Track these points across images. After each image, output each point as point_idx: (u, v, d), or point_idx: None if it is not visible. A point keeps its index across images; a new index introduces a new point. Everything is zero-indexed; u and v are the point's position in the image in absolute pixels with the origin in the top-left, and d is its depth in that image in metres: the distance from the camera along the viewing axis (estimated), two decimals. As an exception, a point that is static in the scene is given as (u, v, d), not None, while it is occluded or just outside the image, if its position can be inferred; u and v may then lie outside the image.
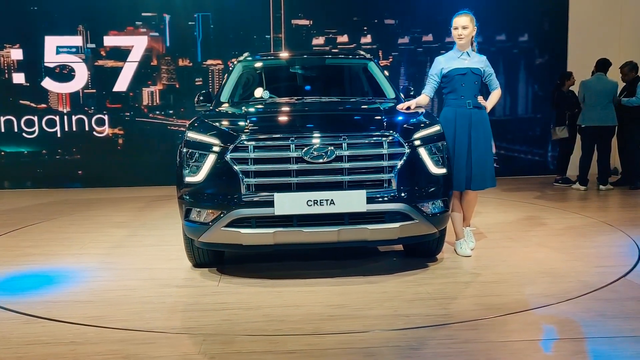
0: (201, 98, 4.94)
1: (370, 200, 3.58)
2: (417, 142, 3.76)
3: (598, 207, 6.69)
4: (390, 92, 5.01)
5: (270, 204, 3.54)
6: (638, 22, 9.25)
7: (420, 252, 4.33)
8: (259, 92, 5.04)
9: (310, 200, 3.53)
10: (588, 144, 7.72)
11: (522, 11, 9.38)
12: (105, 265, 4.36)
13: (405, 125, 3.85)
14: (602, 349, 2.75)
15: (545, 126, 9.09)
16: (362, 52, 5.67)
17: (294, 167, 3.57)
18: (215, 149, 3.67)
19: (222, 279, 3.93)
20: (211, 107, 4.75)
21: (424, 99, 4.42)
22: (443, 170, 3.86)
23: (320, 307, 3.33)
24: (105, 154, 8.93)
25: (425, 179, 3.77)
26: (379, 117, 3.91)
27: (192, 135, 3.84)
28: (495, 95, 4.61)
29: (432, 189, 3.80)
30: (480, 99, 4.40)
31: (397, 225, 3.67)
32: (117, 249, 4.86)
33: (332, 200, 3.55)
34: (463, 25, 4.29)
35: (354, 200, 3.56)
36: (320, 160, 3.57)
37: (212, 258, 4.15)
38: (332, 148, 3.58)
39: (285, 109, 4.42)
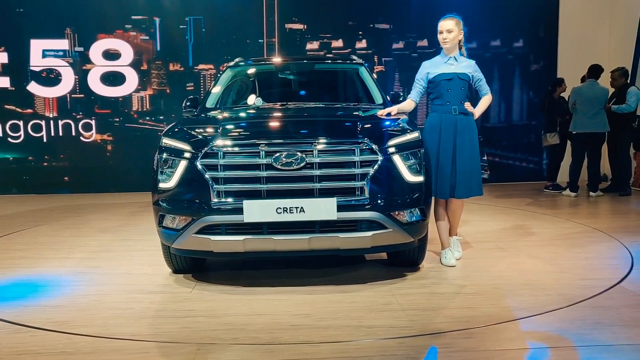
0: (188, 103, 4.95)
1: (341, 208, 3.53)
2: (392, 149, 3.68)
3: (589, 214, 6.63)
4: (378, 98, 4.95)
5: (240, 211, 3.51)
6: (628, 29, 9.19)
7: (401, 262, 4.24)
8: (250, 99, 5.04)
9: (280, 208, 3.49)
10: (579, 150, 7.74)
11: (513, 18, 9.40)
12: (88, 270, 4.39)
13: (380, 132, 3.78)
14: (600, 356, 2.70)
15: (536, 132, 9.05)
16: (354, 57, 5.61)
17: (264, 173, 3.53)
18: (187, 155, 3.66)
19: (197, 285, 3.91)
20: (196, 113, 4.75)
21: (408, 104, 4.35)
22: (420, 178, 3.78)
23: (286, 316, 3.29)
24: (93, 160, 8.84)
25: (400, 186, 3.70)
26: (354, 124, 3.85)
27: (166, 141, 3.84)
28: (485, 101, 4.50)
29: (408, 197, 3.72)
30: (467, 105, 4.30)
31: (369, 234, 3.60)
32: (103, 254, 4.88)
33: (302, 208, 3.50)
34: (448, 29, 4.21)
35: (324, 208, 3.51)
36: (290, 167, 3.53)
37: (190, 264, 4.14)
38: (303, 155, 3.53)
39: (263, 115, 4.40)
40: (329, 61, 5.82)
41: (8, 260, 4.75)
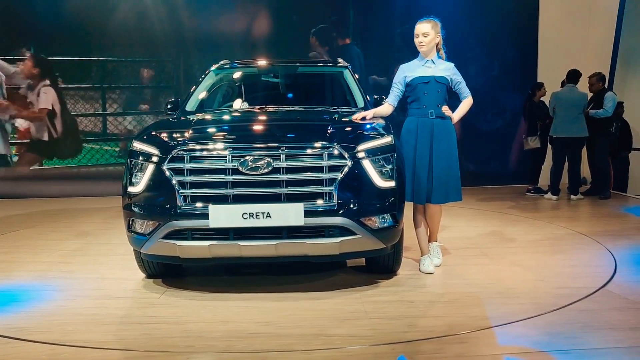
0: (169, 106, 4.93)
1: (308, 213, 3.46)
2: (362, 154, 3.61)
3: (570, 217, 6.71)
4: (360, 101, 4.89)
5: (206, 216, 3.45)
6: (606, 34, 9.28)
7: (376, 268, 4.16)
8: (235, 103, 5.01)
9: (246, 213, 3.44)
10: (559, 154, 7.88)
11: (492, 23, 9.42)
12: (63, 275, 4.34)
13: (350, 137, 3.71)
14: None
15: (517, 136, 9.07)
16: (340, 60, 5.55)
17: (230, 178, 3.48)
18: (154, 159, 3.62)
19: (167, 291, 3.86)
20: (175, 116, 4.71)
21: (386, 108, 4.27)
22: (392, 184, 3.70)
23: (248, 323, 3.23)
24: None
25: (370, 192, 3.62)
26: (324, 128, 3.78)
27: (136, 144, 3.80)
28: (466, 104, 4.41)
29: (378, 203, 3.64)
30: (445, 108, 4.22)
31: (337, 240, 3.54)
32: (79, 258, 4.84)
33: (268, 213, 3.44)
34: (423, 32, 4.13)
35: (291, 214, 3.45)
36: (257, 172, 3.47)
37: (163, 269, 4.09)
38: (269, 159, 3.48)
39: (236, 119, 4.36)
40: (317, 64, 5.75)
41: None
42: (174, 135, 3.77)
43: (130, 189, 3.71)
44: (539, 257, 4.67)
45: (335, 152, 3.55)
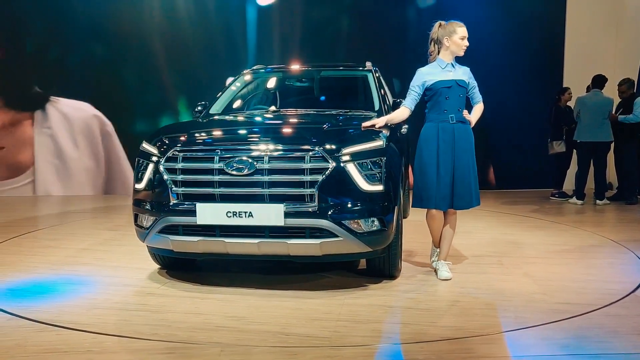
0: (198, 109, 5.21)
1: (289, 214, 3.55)
2: (346, 157, 3.64)
3: (596, 222, 6.72)
4: (376, 105, 4.89)
5: (194, 213, 3.66)
6: (634, 39, 9.10)
7: (373, 272, 4.16)
8: (256, 106, 5.21)
9: (230, 212, 3.60)
10: (584, 159, 7.87)
11: (519, 27, 9.49)
12: (98, 263, 4.76)
13: (336, 140, 3.73)
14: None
15: (542, 140, 8.92)
16: (368, 64, 5.55)
17: (216, 178, 3.65)
18: (154, 158, 3.88)
19: (168, 282, 4.11)
20: (196, 118, 4.98)
21: (402, 111, 4.20)
22: (379, 188, 3.70)
23: (219, 317, 3.38)
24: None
25: (354, 195, 3.64)
26: (312, 131, 3.85)
27: (144, 145, 4.08)
28: (479, 109, 4.32)
29: (363, 206, 3.65)
30: (465, 113, 4.14)
31: (317, 241, 3.60)
32: (115, 247, 5.28)
33: (250, 212, 3.58)
34: (467, 35, 4.08)
35: (271, 214, 3.56)
36: (241, 173, 3.61)
37: (172, 260, 4.34)
38: (253, 161, 3.61)
39: (238, 122, 4.56)
40: (338, 68, 5.80)
41: (26, 259, 4.90)
42: (174, 136, 3.99)
43: (136, 186, 4.00)
44: (566, 261, 4.69)
45: (318, 155, 3.60)
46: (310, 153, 3.61)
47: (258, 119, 4.60)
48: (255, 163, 3.60)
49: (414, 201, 4.25)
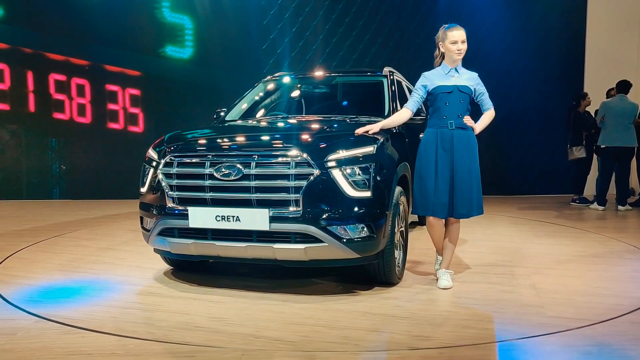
0: (215, 115, 5.38)
1: (274, 219, 3.62)
2: (331, 163, 3.66)
3: (617, 228, 6.66)
4: (386, 110, 4.86)
5: (187, 217, 3.80)
6: None
7: (368, 278, 4.14)
8: (269, 112, 5.34)
9: (219, 216, 3.71)
10: (607, 164, 7.77)
11: (539, 32, 9.44)
12: (114, 261, 5.04)
13: (323, 146, 3.76)
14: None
15: (561, 146, 8.81)
16: (386, 69, 5.51)
17: (207, 183, 3.78)
18: (154, 163, 4.06)
19: (171, 283, 4.28)
20: (212, 124, 5.15)
21: (403, 113, 4.18)
22: (366, 194, 3.69)
23: (202, 317, 3.48)
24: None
25: (340, 201, 3.65)
26: (299, 137, 3.88)
27: (149, 151, 4.28)
28: (488, 116, 4.21)
29: (349, 212, 3.65)
30: (467, 119, 4.05)
31: (302, 246, 3.64)
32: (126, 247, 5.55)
33: (237, 217, 3.67)
34: (463, 39, 4.00)
35: (257, 219, 3.64)
36: (229, 178, 3.71)
37: (174, 262, 4.52)
38: (240, 166, 3.70)
39: (239, 128, 4.66)
40: (354, 74, 5.80)
41: (54, 262, 5.05)
42: (173, 143, 4.14)
43: (141, 190, 4.20)
44: (588, 266, 4.63)
45: (302, 161, 3.64)
46: (296, 159, 3.65)
47: (257, 125, 4.70)
48: (242, 168, 3.69)
49: (413, 208, 4.19)
